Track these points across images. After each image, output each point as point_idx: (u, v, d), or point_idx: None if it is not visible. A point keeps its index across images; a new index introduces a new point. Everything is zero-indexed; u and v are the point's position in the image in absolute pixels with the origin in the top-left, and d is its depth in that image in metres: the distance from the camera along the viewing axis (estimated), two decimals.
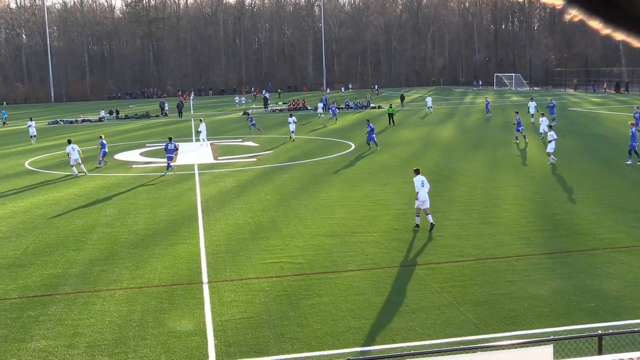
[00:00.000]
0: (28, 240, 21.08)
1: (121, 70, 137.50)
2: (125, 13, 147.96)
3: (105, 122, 72.79)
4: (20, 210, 25.76)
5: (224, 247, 19.32)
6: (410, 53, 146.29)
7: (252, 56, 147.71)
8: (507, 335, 12.18)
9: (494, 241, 18.94)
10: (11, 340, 13.07)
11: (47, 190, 30.00)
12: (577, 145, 39.49)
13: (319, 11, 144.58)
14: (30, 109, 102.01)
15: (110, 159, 39.69)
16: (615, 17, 0.72)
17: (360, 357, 10.97)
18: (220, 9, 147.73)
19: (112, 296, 15.44)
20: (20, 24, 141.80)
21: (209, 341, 12.66)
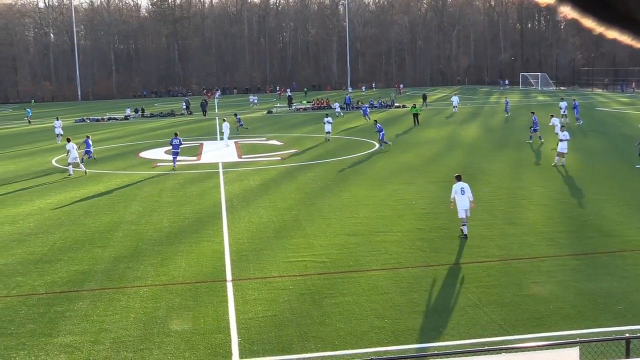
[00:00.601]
0: (55, 236, 21.29)
1: (147, 69, 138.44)
2: (151, 12, 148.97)
3: (131, 120, 73.30)
4: (48, 207, 26.02)
5: (247, 245, 19.37)
6: (435, 52, 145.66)
7: (277, 55, 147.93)
8: (532, 337, 12.07)
9: (519, 242, 18.78)
10: (39, 335, 13.21)
11: (73, 188, 30.27)
12: (604, 145, 39.06)
13: (343, 10, 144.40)
14: (58, 107, 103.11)
15: (135, 157, 40.00)
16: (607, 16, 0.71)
17: (383, 357, 10.93)
18: (245, 7, 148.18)
19: (137, 293, 15.54)
20: (49, 23, 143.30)
21: (233, 339, 12.70)
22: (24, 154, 44.51)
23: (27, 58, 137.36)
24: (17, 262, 18.51)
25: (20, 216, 24.52)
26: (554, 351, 9.65)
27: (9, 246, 20.26)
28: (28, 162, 39.95)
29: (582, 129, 46.31)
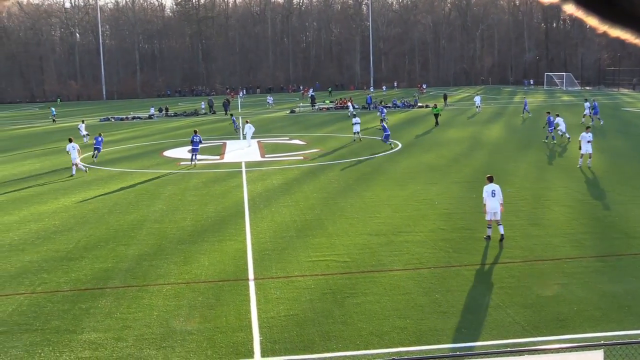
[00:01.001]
0: (80, 234, 21.48)
1: (171, 68, 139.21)
2: (175, 12, 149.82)
3: (155, 119, 73.73)
4: (72, 205, 26.26)
5: (270, 244, 19.41)
6: (458, 52, 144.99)
7: (300, 55, 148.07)
8: (555, 339, 11.98)
9: (542, 243, 18.64)
10: (63, 332, 13.34)
11: (98, 186, 30.51)
12: (629, 146, 38.65)
13: (366, 10, 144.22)
14: (83, 107, 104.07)
15: (159, 156, 40.26)
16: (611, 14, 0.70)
17: (405, 357, 10.90)
18: (268, 7, 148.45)
19: (160, 291, 15.63)
20: (74, 23, 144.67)
21: (255, 337, 12.73)
22: (49, 152, 44.96)
23: (53, 57, 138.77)
24: (43, 259, 18.70)
25: (46, 214, 24.77)
26: (577, 354, 9.57)
27: (34, 243, 20.47)
28: (53, 160, 40.32)
29: (604, 130, 45.85)
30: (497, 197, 18.54)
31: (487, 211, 18.57)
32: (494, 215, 18.50)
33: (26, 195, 28.80)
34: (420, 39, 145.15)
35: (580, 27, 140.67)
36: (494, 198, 18.49)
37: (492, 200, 18.47)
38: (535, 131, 47.90)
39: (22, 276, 17.20)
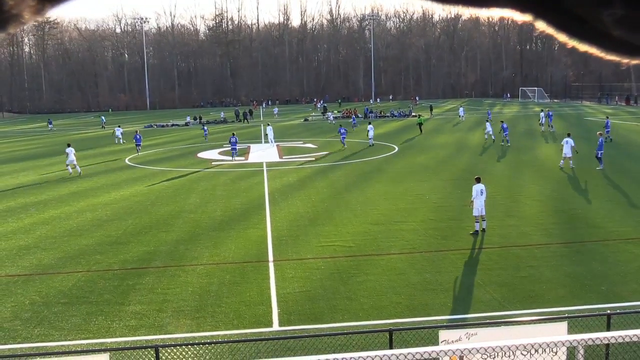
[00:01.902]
0: (127, 222, 21.58)
1: (203, 83, 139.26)
2: (208, 36, 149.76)
3: (190, 126, 73.80)
4: (122, 198, 26.38)
5: (286, 231, 19.44)
6: (446, 69, 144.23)
7: (312, 72, 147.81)
8: (527, 312, 11.95)
9: (516, 232, 18.59)
10: (114, 304, 13.42)
11: (142, 182, 30.63)
12: (590, 149, 38.32)
13: (369, 34, 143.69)
14: (130, 115, 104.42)
15: (193, 157, 40.36)
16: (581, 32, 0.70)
17: (400, 327, 10.90)
18: (286, 32, 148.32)
19: (194, 270, 15.70)
20: (124, 45, 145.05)
21: (273, 310, 12.77)
22: (101, 154, 45.16)
23: (105, 74, 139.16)
24: (96, 243, 18.82)
25: (99, 205, 24.90)
26: (546, 325, 9.55)
27: (90, 230, 20.60)
28: (105, 160, 40.52)
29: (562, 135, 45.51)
30: (483, 196, 18.27)
31: (475, 207, 18.23)
32: (480, 212, 18.23)
33: (83, 190, 28.95)
34: (414, 59, 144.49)
35: (549, 49, 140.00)
36: (482, 197, 18.21)
37: (480, 198, 18.17)
38: (512, 137, 47.64)
39: (79, 257, 17.32)
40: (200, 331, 11.83)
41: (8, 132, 75.03)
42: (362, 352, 5.78)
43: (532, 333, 8.87)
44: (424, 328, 10.70)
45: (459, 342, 8.75)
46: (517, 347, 6.22)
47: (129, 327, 12.16)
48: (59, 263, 16.83)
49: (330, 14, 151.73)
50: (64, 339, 11.71)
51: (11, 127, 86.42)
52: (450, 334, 8.94)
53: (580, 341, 6.50)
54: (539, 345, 6.46)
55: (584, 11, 0.66)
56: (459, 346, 7.93)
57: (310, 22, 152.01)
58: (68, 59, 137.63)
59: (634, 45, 0.68)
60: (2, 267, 16.68)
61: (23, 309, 13.35)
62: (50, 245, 18.72)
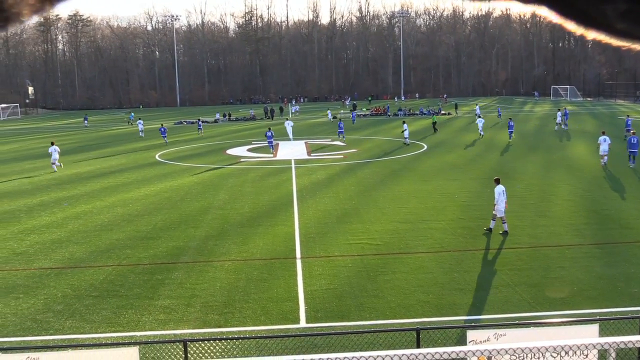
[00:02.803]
0: (157, 218, 21.82)
1: (233, 80, 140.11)
2: (237, 33, 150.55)
3: (220, 123, 74.30)
4: (151, 194, 26.68)
5: (314, 228, 19.46)
6: (477, 67, 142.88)
7: (341, 69, 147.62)
8: (557, 314, 11.79)
9: (547, 232, 18.34)
10: (143, 298, 13.59)
11: (172, 178, 30.93)
12: (623, 148, 37.65)
13: (398, 31, 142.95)
14: (160, 112, 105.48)
15: (222, 154, 40.62)
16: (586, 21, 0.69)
17: (428, 326, 10.85)
18: (315, 29, 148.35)
19: (222, 266, 15.81)
20: (155, 42, 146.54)
21: (301, 307, 12.80)
22: (131, 150, 45.69)
23: (137, 71, 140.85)
24: (127, 237, 19.07)
25: (130, 201, 25.22)
26: (576, 327, 9.41)
27: (120, 225, 20.88)
28: (136, 157, 41.02)
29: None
30: (505, 197, 18.03)
31: (499, 209, 17.86)
32: (501, 213, 17.95)
33: (114, 185, 29.35)
34: (444, 56, 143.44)
35: (582, 46, 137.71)
36: (504, 197, 17.96)
37: (503, 199, 17.89)
38: (543, 136, 47.08)
39: (110, 251, 17.57)
40: (228, 326, 11.91)
41: (43, 128, 76.43)
42: (389, 351, 5.77)
43: (562, 335, 8.74)
44: (452, 328, 10.63)
45: (487, 342, 8.67)
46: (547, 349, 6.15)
47: (158, 321, 12.31)
48: (90, 257, 17.10)
49: (360, 11, 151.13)
50: (94, 331, 11.90)
51: (46, 122, 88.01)
52: (478, 334, 8.86)
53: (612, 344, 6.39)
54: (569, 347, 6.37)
55: (588, 5, 0.66)
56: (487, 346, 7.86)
57: (340, 19, 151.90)
58: (100, 56, 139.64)
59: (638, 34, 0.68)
60: (36, 260, 17.01)
61: (55, 302, 13.60)
62: (82, 240, 19.03)
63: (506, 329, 9.08)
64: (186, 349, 8.92)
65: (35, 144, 53.85)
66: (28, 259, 17.14)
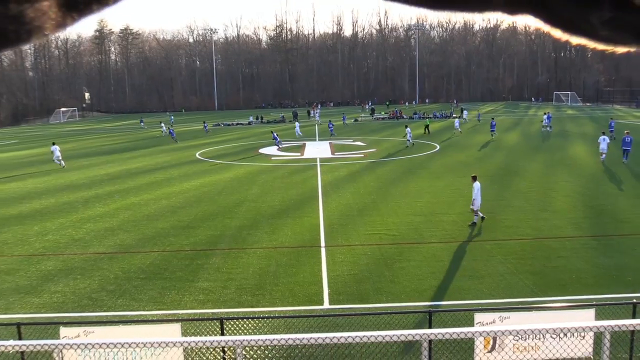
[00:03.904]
0: (197, 209, 22.02)
1: (265, 87, 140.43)
2: (269, 44, 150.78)
3: (253, 125, 74.61)
4: (192, 188, 26.92)
5: (337, 220, 19.47)
6: (485, 75, 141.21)
7: (362, 77, 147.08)
8: (557, 299, 11.66)
9: (548, 225, 18.11)
10: (184, 280, 13.75)
11: (210, 174, 31.17)
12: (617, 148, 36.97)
13: (414, 42, 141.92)
14: (200, 115, 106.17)
15: (255, 153, 40.80)
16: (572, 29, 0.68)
17: (439, 309, 10.81)
18: (339, 41, 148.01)
19: (255, 253, 15.90)
20: (195, 53, 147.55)
21: (324, 290, 12.83)
22: (173, 149, 46.10)
23: (179, 78, 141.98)
24: (171, 227, 19.28)
25: (173, 194, 25.48)
26: (574, 311, 9.31)
27: (165, 215, 21.11)
28: (177, 155, 41.39)
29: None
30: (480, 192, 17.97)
31: (479, 204, 17.95)
32: (478, 206, 17.93)
33: (159, 180, 29.67)
34: (456, 65, 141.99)
35: (583, 56, 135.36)
36: (479, 193, 17.96)
37: (479, 195, 17.93)
38: (545, 137, 46.39)
39: (156, 239, 17.79)
40: (259, 306, 11.99)
41: (98, 129, 77.50)
42: (404, 331, 5.77)
43: (562, 318, 8.65)
44: (461, 310, 10.57)
45: (492, 324, 8.61)
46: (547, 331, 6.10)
47: (197, 301, 12.44)
48: (138, 243, 17.33)
49: (379, 24, 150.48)
50: (142, 309, 12.07)
51: (101, 124, 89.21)
52: (485, 316, 8.81)
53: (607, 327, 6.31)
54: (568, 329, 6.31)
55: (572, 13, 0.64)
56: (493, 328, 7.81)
57: (361, 31, 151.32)
58: (148, 65, 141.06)
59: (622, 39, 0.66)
60: (91, 246, 17.30)
61: (108, 282, 13.82)
62: (131, 228, 19.29)
63: (510, 313, 9.02)
64: (222, 326, 9.01)
65: (91, 144, 54.68)
66: (85, 244, 17.44)
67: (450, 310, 10.67)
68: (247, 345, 5.86)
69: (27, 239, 18.36)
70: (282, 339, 5.65)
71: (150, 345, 6.06)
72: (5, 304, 12.66)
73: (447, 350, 9.44)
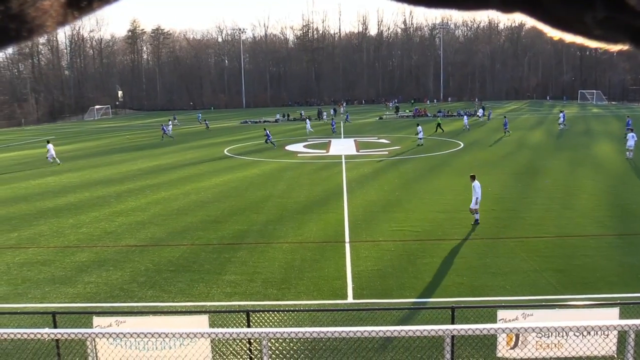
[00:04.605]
0: (225, 204, 22.17)
1: (291, 85, 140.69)
2: (296, 44, 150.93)
3: (279, 122, 74.83)
4: (220, 183, 27.12)
5: (361, 216, 19.42)
6: (510, 74, 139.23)
7: (387, 75, 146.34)
8: (580, 297, 11.45)
9: (572, 223, 17.79)
10: (212, 273, 13.87)
11: (238, 170, 31.35)
12: None
13: (439, 41, 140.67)
14: (229, 113, 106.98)
15: (281, 150, 40.91)
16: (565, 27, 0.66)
17: (462, 305, 10.70)
18: (364, 40, 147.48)
19: (281, 247, 15.96)
20: (224, 52, 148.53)
21: (348, 284, 12.81)
22: (202, 146, 46.49)
23: (208, 77, 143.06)
24: (199, 221, 19.46)
25: (202, 189, 25.71)
26: (598, 309, 9.13)
27: (194, 210, 21.32)
28: (206, 151, 41.72)
29: None
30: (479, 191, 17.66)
31: (478, 202, 17.62)
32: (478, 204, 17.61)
33: (189, 175, 29.96)
34: (480, 64, 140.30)
35: (608, 54, 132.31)
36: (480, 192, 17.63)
37: (480, 194, 17.61)
38: (570, 136, 45.56)
39: (185, 232, 17.97)
40: (285, 300, 12.03)
41: (131, 126, 78.60)
42: (426, 326, 5.73)
43: (585, 316, 8.49)
44: (484, 307, 10.46)
45: (515, 321, 8.50)
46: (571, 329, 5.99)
47: (225, 293, 12.53)
48: (168, 237, 17.53)
49: (404, 23, 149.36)
50: (171, 300, 12.22)
51: (133, 121, 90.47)
52: (507, 313, 8.69)
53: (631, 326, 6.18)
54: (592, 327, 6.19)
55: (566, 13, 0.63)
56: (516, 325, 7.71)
57: (386, 31, 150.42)
58: (178, 64, 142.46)
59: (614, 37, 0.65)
60: (123, 238, 17.56)
61: (139, 274, 14.02)
62: (161, 222, 19.53)
63: (533, 310, 8.88)
64: (249, 318, 9.06)
65: (124, 140, 55.46)
66: (117, 237, 17.72)
67: (472, 307, 10.56)
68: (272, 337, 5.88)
69: (62, 231, 18.72)
70: (307, 332, 5.66)
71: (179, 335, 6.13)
72: (41, 294, 12.93)
73: (469, 346, 9.35)
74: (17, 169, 35.59)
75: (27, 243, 17.37)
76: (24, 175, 32.34)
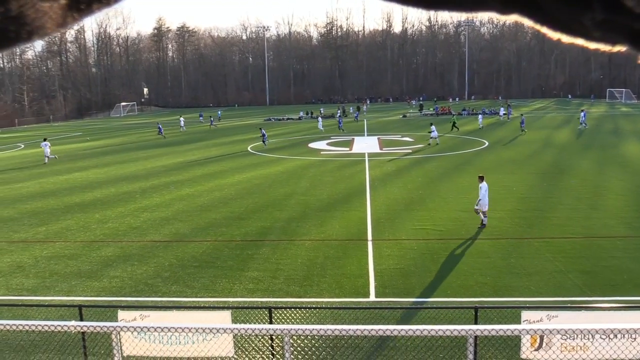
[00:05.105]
0: (248, 201, 22.29)
1: (315, 83, 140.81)
2: (320, 41, 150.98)
3: (303, 120, 74.91)
4: (244, 180, 27.27)
5: (384, 214, 19.35)
6: (536, 71, 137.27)
7: (411, 73, 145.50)
8: (607, 299, 11.24)
9: (600, 224, 17.47)
10: (235, 269, 13.96)
11: (261, 167, 31.48)
12: None
13: (464, 39, 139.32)
14: (252, 110, 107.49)
15: (305, 147, 40.96)
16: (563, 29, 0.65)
17: (485, 305, 10.59)
18: (388, 37, 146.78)
19: (303, 245, 15.98)
20: (248, 50, 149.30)
21: (371, 283, 12.78)
22: (224, 143, 46.79)
23: (233, 75, 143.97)
24: (223, 217, 19.60)
25: (225, 186, 25.88)
26: (625, 312, 8.95)
27: (217, 206, 21.47)
28: (229, 148, 41.98)
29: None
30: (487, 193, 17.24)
31: (484, 203, 17.17)
32: (485, 207, 17.22)
33: (212, 172, 30.20)
34: (506, 61, 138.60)
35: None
36: (487, 194, 17.25)
37: (487, 195, 17.23)
38: (597, 135, 44.73)
39: (208, 229, 18.12)
40: (307, 297, 12.05)
41: (156, 123, 79.49)
42: (449, 325, 5.68)
43: (612, 319, 8.34)
44: (508, 308, 10.34)
45: (540, 322, 8.38)
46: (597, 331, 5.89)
47: (247, 289, 12.60)
48: (192, 233, 17.70)
49: (429, 21, 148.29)
50: (194, 295, 12.33)
51: (158, 118, 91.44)
52: (532, 314, 8.58)
53: None
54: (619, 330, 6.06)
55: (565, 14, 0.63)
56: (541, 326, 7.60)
57: (411, 28, 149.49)
58: (203, 61, 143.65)
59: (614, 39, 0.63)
60: (148, 234, 17.78)
61: (163, 269, 14.18)
62: (185, 218, 19.72)
63: (559, 311, 8.75)
64: (271, 315, 9.10)
65: (149, 137, 56.13)
66: (142, 232, 17.94)
67: (496, 307, 10.45)
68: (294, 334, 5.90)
69: (89, 226, 19.04)
70: (329, 329, 5.65)
71: (202, 330, 6.18)
72: (68, 287, 13.17)
73: (492, 347, 9.25)
74: (45, 165, 36.27)
75: (55, 237, 17.70)
76: (52, 171, 32.96)
